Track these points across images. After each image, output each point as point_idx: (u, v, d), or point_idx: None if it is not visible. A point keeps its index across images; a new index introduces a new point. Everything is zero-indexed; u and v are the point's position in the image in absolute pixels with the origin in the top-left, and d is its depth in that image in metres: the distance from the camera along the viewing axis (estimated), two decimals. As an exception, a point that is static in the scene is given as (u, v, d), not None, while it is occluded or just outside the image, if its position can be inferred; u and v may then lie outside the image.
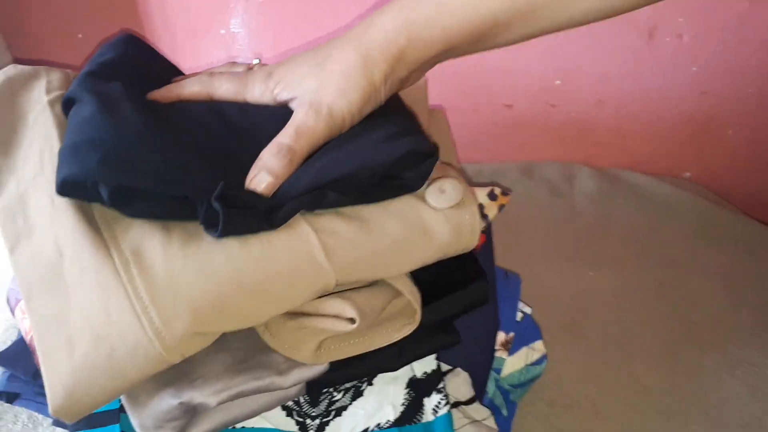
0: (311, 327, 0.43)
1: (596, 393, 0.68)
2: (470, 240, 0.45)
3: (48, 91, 0.48)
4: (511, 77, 0.99)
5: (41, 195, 0.43)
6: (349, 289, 0.44)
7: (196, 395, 0.42)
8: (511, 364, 0.59)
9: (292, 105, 0.46)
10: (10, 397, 0.52)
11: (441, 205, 0.44)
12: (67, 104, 0.46)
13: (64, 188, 0.40)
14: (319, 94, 0.44)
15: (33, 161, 0.45)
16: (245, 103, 0.48)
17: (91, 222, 0.41)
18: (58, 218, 0.41)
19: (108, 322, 0.37)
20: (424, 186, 0.45)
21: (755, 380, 0.70)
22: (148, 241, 0.40)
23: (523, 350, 0.60)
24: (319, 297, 0.43)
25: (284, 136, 0.43)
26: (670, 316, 0.78)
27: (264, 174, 0.42)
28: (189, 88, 0.49)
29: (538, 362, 0.61)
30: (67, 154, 0.40)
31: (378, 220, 0.43)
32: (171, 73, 0.54)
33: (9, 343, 0.55)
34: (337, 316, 0.43)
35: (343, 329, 0.43)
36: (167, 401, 0.41)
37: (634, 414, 0.66)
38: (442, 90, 0.88)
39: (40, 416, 0.63)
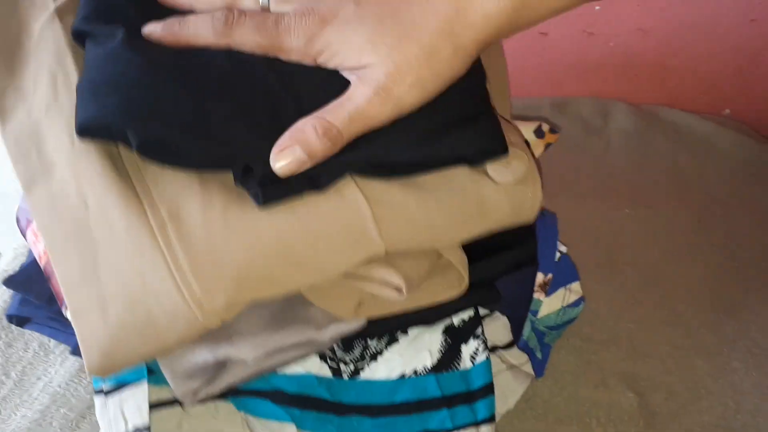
0: (353, 286, 0.41)
1: (634, 329, 0.66)
2: (529, 216, 0.41)
3: None
4: (546, 2, 0.94)
5: (58, 131, 0.38)
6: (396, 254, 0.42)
7: (233, 351, 0.40)
8: (548, 305, 0.57)
9: (346, 74, 0.38)
10: (21, 321, 0.51)
11: (504, 180, 0.38)
12: (79, 35, 0.40)
13: (85, 132, 0.36)
14: (390, 80, 0.35)
15: (44, 87, 0.40)
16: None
17: (119, 168, 0.37)
18: (81, 162, 0.37)
19: (144, 288, 0.35)
20: None
21: (801, 319, 0.67)
22: (186, 200, 0.36)
23: (561, 291, 0.58)
24: None
25: (335, 117, 0.35)
26: (712, 253, 0.75)
27: (299, 150, 0.35)
28: (201, 37, 0.38)
29: (575, 304, 0.58)
30: (86, 93, 0.36)
31: (435, 191, 0.38)
32: None
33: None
34: (382, 282, 0.40)
35: (389, 297, 0.40)
36: (203, 356, 0.40)
37: (673, 350, 0.63)
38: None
39: (51, 343, 0.62)
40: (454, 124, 0.38)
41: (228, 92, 0.37)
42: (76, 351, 0.51)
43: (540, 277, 0.55)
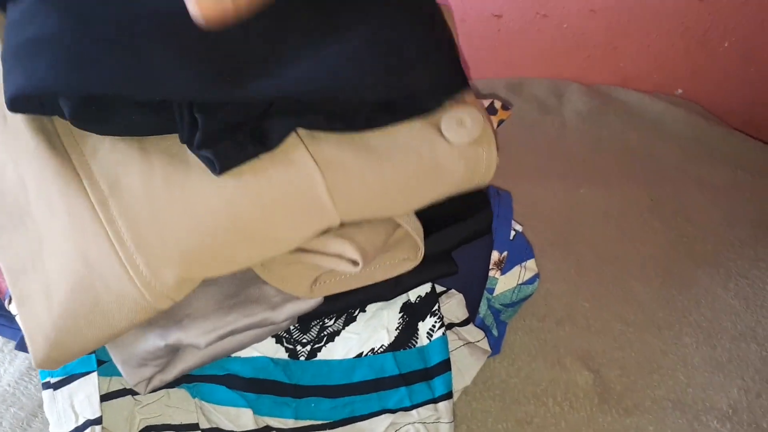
0: (308, 262, 0.40)
1: (589, 308, 0.66)
2: (484, 178, 0.40)
3: None
4: (500, -16, 0.94)
5: None
6: (349, 227, 0.40)
7: (184, 337, 0.39)
8: (504, 283, 0.57)
9: None
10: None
11: (458, 140, 0.37)
12: None
13: (16, 105, 0.34)
14: None
15: None
16: None
17: (55, 145, 0.35)
18: (15, 142, 0.36)
19: (89, 271, 0.34)
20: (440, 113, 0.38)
21: (748, 292, 0.68)
22: (126, 170, 0.34)
23: (516, 269, 0.58)
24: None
25: None
26: (664, 231, 0.76)
27: None
28: None
29: (530, 281, 0.59)
30: (11, 60, 0.34)
31: (389, 155, 0.37)
32: None
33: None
34: (338, 256, 0.39)
35: (345, 270, 0.39)
36: (152, 342, 0.39)
37: (627, 327, 0.64)
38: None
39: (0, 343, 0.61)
40: (409, 58, 0.36)
41: (153, 35, 0.34)
42: (21, 345, 0.49)
43: (495, 255, 0.55)
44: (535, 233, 0.73)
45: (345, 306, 0.45)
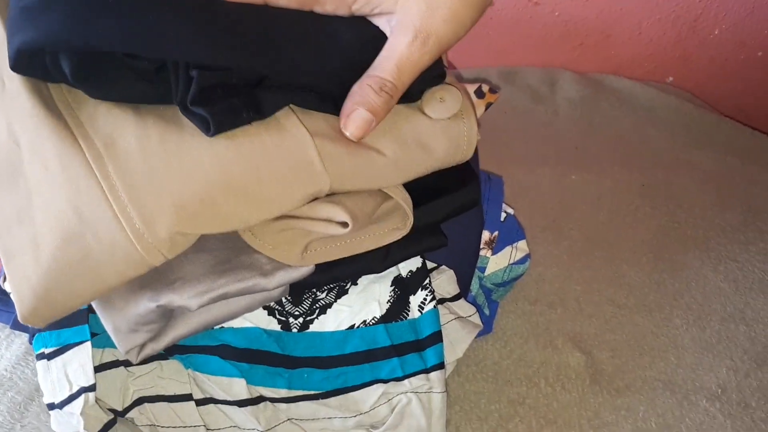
0: (297, 228, 0.41)
1: (580, 291, 0.67)
2: (467, 152, 0.42)
3: None
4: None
5: None
6: (338, 194, 0.41)
7: (176, 298, 0.39)
8: (495, 262, 0.58)
9: (381, 24, 0.39)
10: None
11: (439, 116, 0.40)
12: None
13: (20, 61, 0.34)
14: (424, 20, 0.36)
15: None
16: None
17: (50, 106, 0.36)
18: (11, 104, 0.36)
19: (80, 222, 0.34)
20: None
21: (738, 275, 0.69)
22: (122, 131, 0.35)
23: (507, 249, 0.59)
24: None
25: (384, 71, 0.37)
26: (654, 216, 0.77)
27: (362, 111, 0.36)
28: None
29: (521, 261, 0.59)
30: (18, 18, 0.34)
31: (373, 135, 0.39)
32: None
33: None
34: (327, 220, 0.40)
35: (335, 233, 0.40)
36: (144, 304, 0.39)
37: (618, 310, 0.65)
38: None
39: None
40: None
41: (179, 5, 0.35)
42: (16, 324, 0.50)
43: (486, 235, 0.56)
44: (528, 218, 0.74)
45: (336, 277, 0.46)
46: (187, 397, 0.47)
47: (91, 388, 0.43)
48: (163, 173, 0.34)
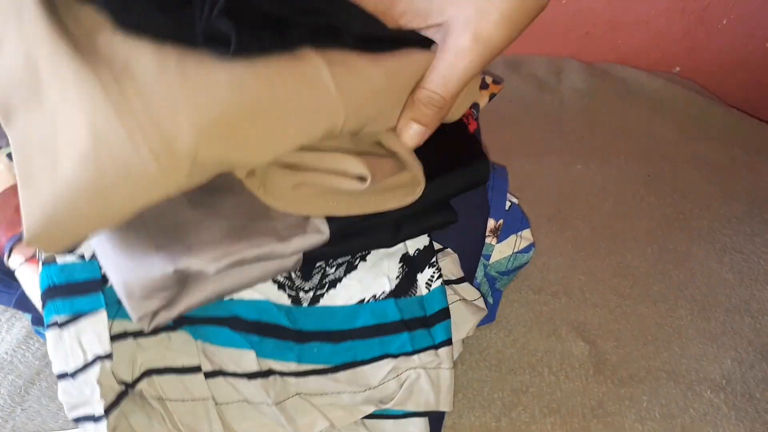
0: (315, 184, 0.40)
1: (584, 281, 0.67)
2: (473, 96, 0.43)
3: None
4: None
5: (4, 4, 0.37)
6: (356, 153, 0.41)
7: (194, 262, 0.38)
8: (500, 251, 0.58)
9: (429, 34, 0.39)
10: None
11: None
12: None
13: None
14: (476, 26, 0.36)
15: None
16: None
17: (68, 31, 0.36)
18: (29, 30, 0.36)
19: (96, 140, 0.32)
20: None
21: (743, 266, 0.69)
22: (139, 55, 0.34)
23: (512, 237, 0.58)
24: (326, 152, 0.40)
25: (432, 85, 0.38)
26: (659, 206, 0.77)
27: (416, 125, 0.39)
28: None
29: (525, 250, 0.59)
30: None
31: (391, 56, 0.39)
32: None
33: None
34: (344, 174, 0.40)
35: (351, 188, 0.40)
36: (160, 267, 0.38)
37: (622, 300, 0.65)
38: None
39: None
40: None
41: None
42: (19, 304, 0.49)
43: (491, 223, 0.55)
44: (533, 208, 0.74)
45: (348, 250, 0.45)
46: (196, 369, 0.46)
47: (108, 357, 0.42)
48: (181, 93, 0.33)
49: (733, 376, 0.58)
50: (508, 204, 0.58)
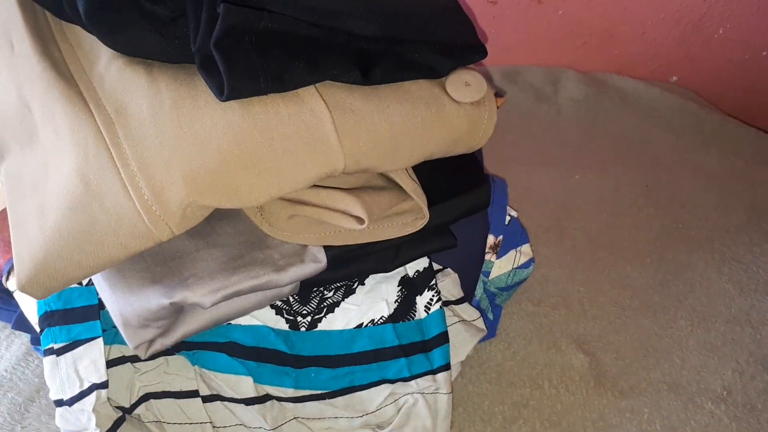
0: (313, 217, 0.40)
1: (584, 292, 0.67)
2: (481, 140, 0.42)
3: None
4: (495, -27, 0.94)
5: None
6: (356, 189, 0.41)
7: (190, 295, 0.38)
8: (499, 266, 0.58)
9: None
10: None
11: (464, 99, 0.40)
12: None
13: None
14: None
15: None
16: None
17: (60, 69, 0.35)
18: (21, 67, 0.36)
19: (86, 190, 0.33)
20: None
21: (742, 277, 0.69)
22: (133, 96, 0.34)
23: (511, 253, 0.58)
24: (324, 188, 0.40)
25: None
26: (658, 217, 0.77)
27: None
28: None
29: (525, 265, 0.59)
30: None
31: (398, 101, 0.38)
32: None
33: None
34: (343, 212, 0.40)
35: (349, 227, 0.40)
36: (156, 300, 0.38)
37: (622, 311, 0.65)
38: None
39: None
40: (436, 14, 0.39)
41: None
42: (18, 324, 0.49)
43: (491, 239, 0.55)
44: (531, 219, 0.74)
45: (346, 275, 0.45)
46: (193, 394, 0.47)
47: (104, 385, 0.42)
48: (175, 142, 0.33)
49: (734, 387, 0.57)
50: (507, 218, 0.58)
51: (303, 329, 0.47)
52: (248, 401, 0.46)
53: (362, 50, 0.36)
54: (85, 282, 0.44)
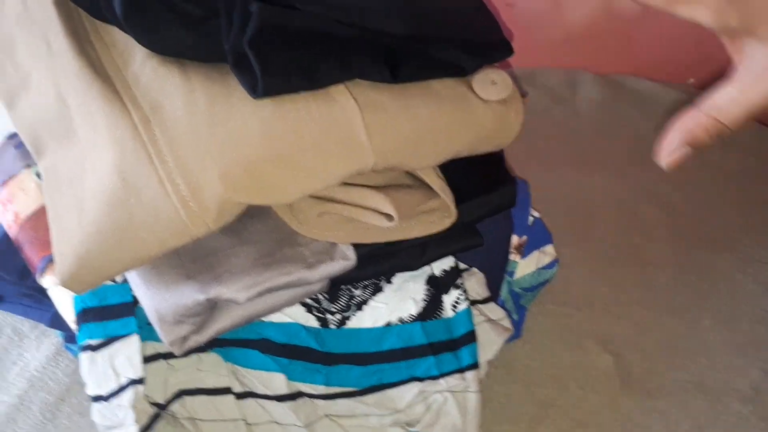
0: (343, 214, 0.41)
1: (607, 293, 0.67)
2: (507, 139, 0.42)
3: None
4: (512, -25, 0.94)
5: (32, 39, 0.37)
6: (384, 187, 0.41)
7: (224, 291, 0.39)
8: (524, 267, 0.58)
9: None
10: (-7, 300, 0.49)
11: (490, 98, 0.39)
12: None
13: None
14: None
15: None
16: None
17: (98, 69, 0.36)
18: (58, 65, 0.36)
19: (124, 187, 0.33)
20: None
21: (766, 276, 0.69)
22: (169, 95, 0.34)
23: (535, 254, 0.59)
24: (354, 186, 0.40)
25: (730, 119, 0.32)
26: (680, 218, 0.77)
27: (689, 149, 0.33)
28: None
29: (549, 266, 0.59)
30: None
31: (425, 100, 0.38)
32: None
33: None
34: (373, 210, 0.40)
35: (379, 224, 0.40)
36: (191, 296, 0.39)
37: (646, 312, 0.65)
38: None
39: (26, 327, 0.61)
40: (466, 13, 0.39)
41: None
42: (54, 322, 0.50)
43: (515, 239, 0.55)
44: (551, 220, 0.73)
45: (374, 273, 0.46)
46: (226, 391, 0.47)
47: (141, 381, 0.43)
48: (210, 140, 0.33)
49: (761, 386, 0.57)
50: (530, 219, 0.58)
51: (333, 327, 0.48)
52: (280, 398, 0.47)
53: (391, 48, 0.37)
54: (119, 279, 0.44)
